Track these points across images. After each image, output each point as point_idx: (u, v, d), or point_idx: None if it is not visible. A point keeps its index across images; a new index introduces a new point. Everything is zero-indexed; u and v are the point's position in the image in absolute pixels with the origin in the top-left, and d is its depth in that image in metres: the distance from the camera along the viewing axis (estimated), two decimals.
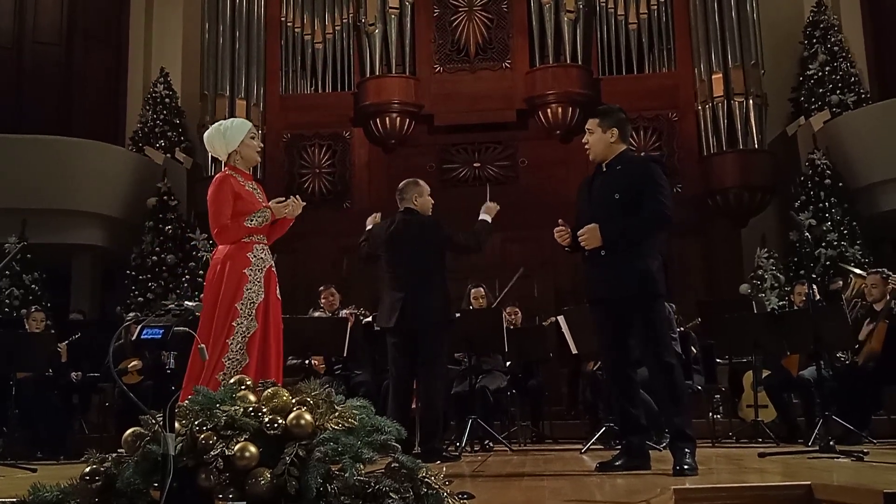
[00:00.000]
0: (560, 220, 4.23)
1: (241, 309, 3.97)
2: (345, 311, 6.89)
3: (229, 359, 3.90)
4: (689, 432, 3.88)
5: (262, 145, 4.40)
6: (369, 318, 6.83)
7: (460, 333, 6.30)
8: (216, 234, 4.14)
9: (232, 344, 3.90)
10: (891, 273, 6.77)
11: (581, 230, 4.02)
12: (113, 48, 12.04)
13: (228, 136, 4.25)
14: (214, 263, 4.14)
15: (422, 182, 5.45)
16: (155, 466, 2.11)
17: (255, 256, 4.10)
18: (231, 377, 3.80)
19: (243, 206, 4.14)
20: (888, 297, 6.54)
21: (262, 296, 4.05)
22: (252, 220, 4.12)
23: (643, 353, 4.08)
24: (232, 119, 4.58)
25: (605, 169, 4.20)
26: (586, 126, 4.27)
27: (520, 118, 10.47)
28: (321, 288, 7.43)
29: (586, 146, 4.26)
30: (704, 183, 9.98)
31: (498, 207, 5.47)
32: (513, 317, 7.64)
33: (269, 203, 4.24)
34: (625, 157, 4.19)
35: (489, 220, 5.42)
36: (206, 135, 4.40)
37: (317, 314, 7.28)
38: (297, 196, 4.35)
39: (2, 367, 6.47)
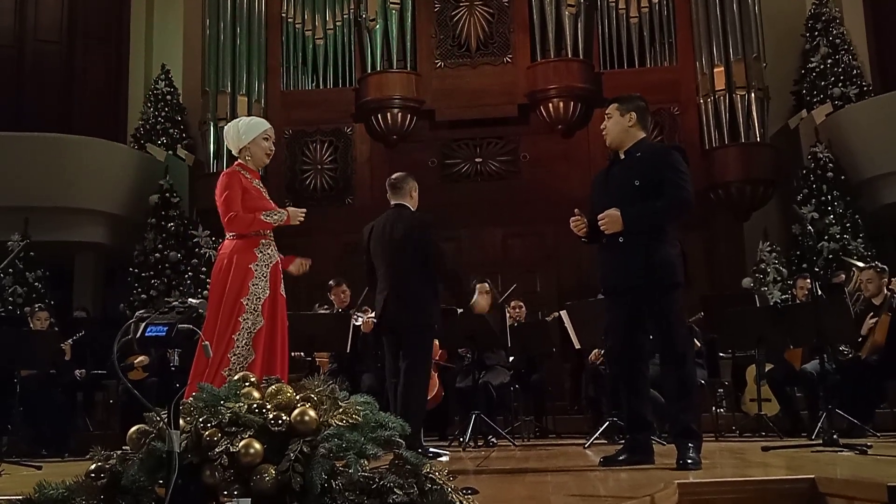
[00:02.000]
0: (576, 210, 4.15)
1: (247, 304, 3.98)
2: (360, 315, 6.80)
3: (235, 354, 3.90)
4: (695, 428, 3.85)
5: (273, 149, 4.41)
6: (372, 315, 6.82)
7: (463, 329, 6.33)
8: (228, 220, 4.14)
9: (238, 340, 3.91)
10: (885, 267, 6.78)
11: (601, 214, 3.94)
12: (114, 45, 12.05)
13: (242, 131, 4.32)
14: (221, 258, 4.16)
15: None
16: (160, 463, 2.11)
17: (261, 252, 4.12)
18: (237, 373, 3.82)
19: (251, 202, 4.19)
20: (886, 292, 6.56)
21: (269, 292, 4.06)
22: (269, 217, 4.17)
23: (657, 343, 4.04)
24: (253, 117, 4.66)
25: (623, 157, 4.14)
26: (605, 112, 4.23)
27: (521, 113, 10.46)
28: (332, 283, 7.39)
29: (604, 132, 4.21)
30: (706, 177, 9.97)
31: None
32: (517, 311, 7.65)
33: (288, 208, 4.32)
34: (644, 145, 4.15)
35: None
36: (226, 126, 4.52)
37: (322, 310, 7.27)
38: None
39: (6, 364, 6.48)
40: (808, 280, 7.19)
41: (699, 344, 6.84)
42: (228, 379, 3.75)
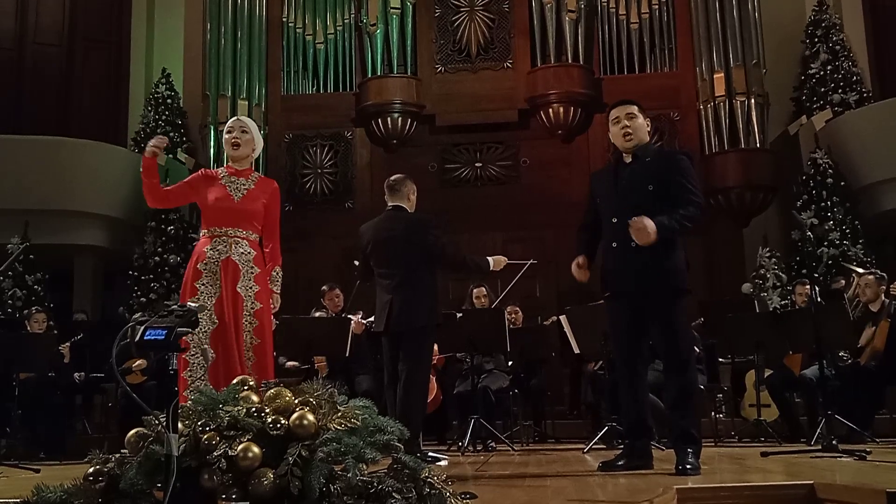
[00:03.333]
0: (580, 261, 4.24)
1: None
2: (354, 318, 6.82)
3: (192, 355, 3.85)
4: (695, 433, 3.86)
5: (235, 139, 4.26)
6: (371, 319, 6.82)
7: (462, 333, 6.32)
8: None
9: (191, 341, 3.84)
10: (884, 274, 6.80)
11: (634, 220, 3.83)
12: (114, 49, 12.06)
13: None
14: None
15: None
16: (158, 467, 2.11)
17: (211, 250, 4.08)
18: (198, 375, 3.81)
19: (201, 193, 4.22)
20: (884, 299, 6.57)
21: (219, 291, 3.99)
22: (142, 166, 4.25)
23: (660, 348, 4.05)
24: None
25: (630, 159, 4.16)
26: (627, 111, 4.19)
27: (521, 118, 10.46)
28: (324, 288, 7.40)
29: (629, 131, 4.15)
30: (706, 182, 9.94)
31: (504, 264, 5.35)
32: (513, 316, 7.65)
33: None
34: (651, 149, 4.20)
35: (489, 267, 5.25)
36: None
37: (319, 314, 7.27)
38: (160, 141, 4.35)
39: (4, 367, 6.48)
40: (808, 286, 7.22)
41: (698, 350, 6.84)
42: (189, 381, 3.76)
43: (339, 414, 2.24)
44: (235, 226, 4.12)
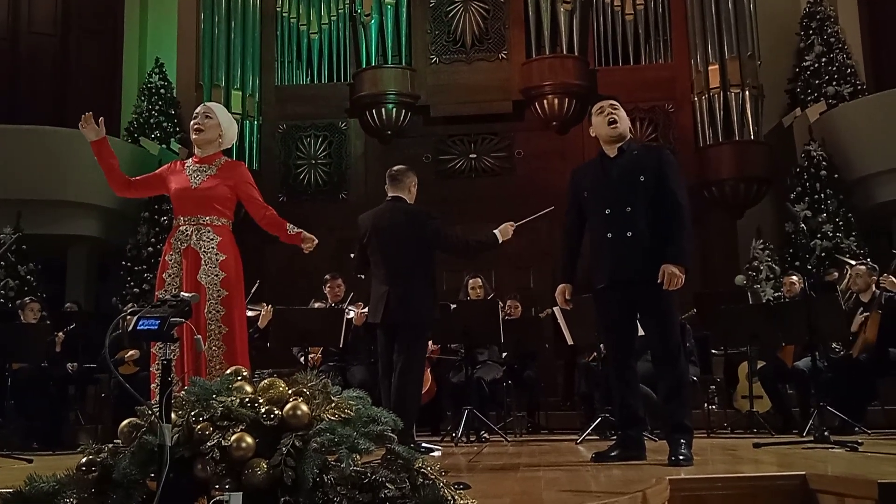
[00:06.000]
0: (567, 294, 4.32)
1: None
2: (352, 308, 6.80)
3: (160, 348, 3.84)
4: (687, 423, 3.88)
5: (198, 123, 4.20)
6: (365, 309, 6.81)
7: (457, 324, 6.32)
8: None
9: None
10: (876, 266, 6.82)
11: (667, 283, 3.87)
12: (108, 39, 12.01)
13: None
14: None
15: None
16: (151, 457, 2.11)
17: (175, 239, 4.04)
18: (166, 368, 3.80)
19: (167, 184, 4.19)
20: (875, 290, 6.59)
21: (182, 283, 3.93)
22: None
23: (650, 339, 4.07)
24: None
25: (614, 153, 4.18)
26: (611, 103, 4.24)
27: (516, 109, 10.46)
28: (327, 276, 7.38)
29: (614, 117, 4.18)
30: (700, 174, 9.98)
31: (512, 231, 5.33)
32: (512, 310, 7.65)
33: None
34: (635, 143, 4.26)
35: (499, 239, 5.23)
36: None
37: (317, 305, 7.26)
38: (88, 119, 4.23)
39: None
40: (795, 277, 7.26)
41: (688, 343, 6.85)
42: (157, 375, 3.73)
43: (333, 404, 2.24)
44: (197, 213, 4.05)
